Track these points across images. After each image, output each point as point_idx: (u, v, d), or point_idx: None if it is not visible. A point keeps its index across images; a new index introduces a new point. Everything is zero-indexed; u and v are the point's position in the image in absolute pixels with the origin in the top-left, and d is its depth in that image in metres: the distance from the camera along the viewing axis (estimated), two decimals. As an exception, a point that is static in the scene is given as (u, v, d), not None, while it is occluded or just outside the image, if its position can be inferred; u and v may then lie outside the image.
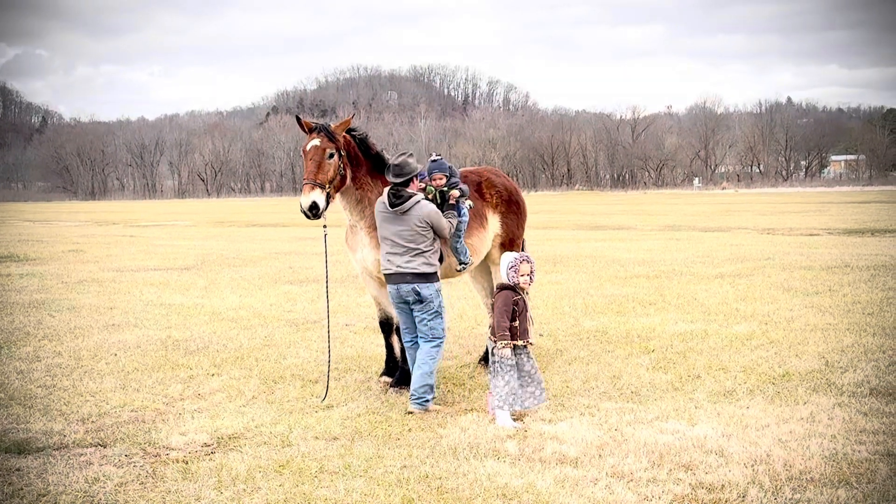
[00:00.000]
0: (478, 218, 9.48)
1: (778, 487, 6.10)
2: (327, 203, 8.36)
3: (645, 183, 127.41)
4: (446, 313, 8.72)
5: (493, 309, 8.12)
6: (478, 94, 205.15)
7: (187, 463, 6.87)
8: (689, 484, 6.21)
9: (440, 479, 6.42)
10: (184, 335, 12.22)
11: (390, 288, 8.47)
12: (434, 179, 8.86)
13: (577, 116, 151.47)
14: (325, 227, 8.68)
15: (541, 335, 11.78)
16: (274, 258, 23.89)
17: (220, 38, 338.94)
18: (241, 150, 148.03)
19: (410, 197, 8.29)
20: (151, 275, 20.12)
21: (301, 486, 6.33)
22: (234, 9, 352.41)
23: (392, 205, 8.27)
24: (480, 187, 9.73)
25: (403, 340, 8.77)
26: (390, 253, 8.39)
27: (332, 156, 8.36)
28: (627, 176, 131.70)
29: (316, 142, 8.35)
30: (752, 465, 6.50)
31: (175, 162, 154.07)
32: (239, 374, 9.87)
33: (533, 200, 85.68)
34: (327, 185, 8.31)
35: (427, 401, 8.29)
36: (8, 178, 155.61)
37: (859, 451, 6.74)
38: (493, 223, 9.73)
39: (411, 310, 8.46)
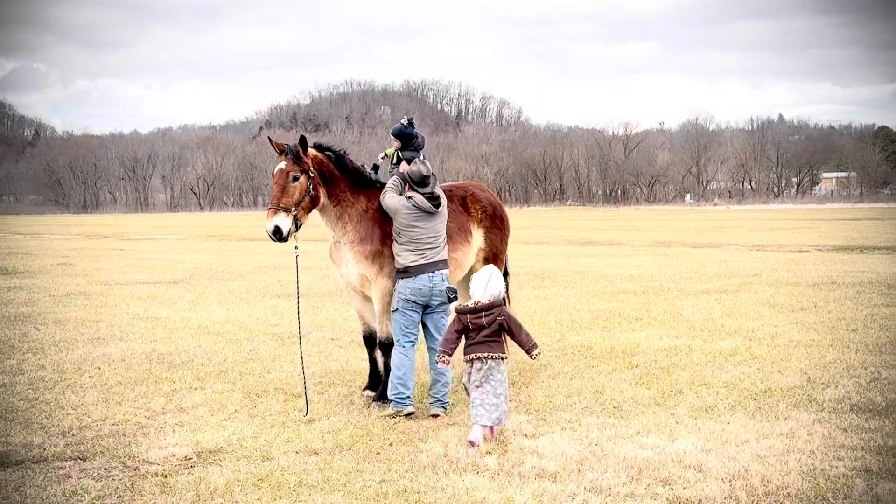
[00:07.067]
0: (462, 232, 9.53)
1: (755, 503, 6.12)
2: (297, 225, 8.46)
3: (637, 199, 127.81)
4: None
5: (516, 327, 7.93)
6: (471, 110, 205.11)
7: (166, 476, 6.86)
8: (667, 499, 6.23)
9: (418, 493, 6.43)
10: (169, 349, 12.20)
11: (419, 281, 8.54)
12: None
13: (569, 132, 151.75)
14: (296, 248, 8.80)
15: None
16: (263, 272, 23.88)
17: (215, 52, 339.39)
18: (234, 164, 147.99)
19: (439, 196, 8.80)
20: (139, 288, 20.08)
21: (279, 499, 6.33)
22: (229, 24, 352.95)
23: (437, 206, 8.67)
24: (465, 202, 9.78)
25: (403, 347, 8.69)
26: (425, 249, 8.59)
27: (296, 178, 8.43)
28: (619, 192, 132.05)
29: (281, 165, 8.47)
30: (730, 480, 6.53)
31: (168, 175, 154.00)
32: (222, 388, 9.86)
33: (525, 216, 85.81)
34: (293, 208, 8.39)
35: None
36: (0, 191, 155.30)
37: (837, 467, 6.77)
38: (477, 238, 9.77)
39: (422, 309, 8.70)
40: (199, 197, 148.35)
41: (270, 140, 8.72)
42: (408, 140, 9.69)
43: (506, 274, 10.47)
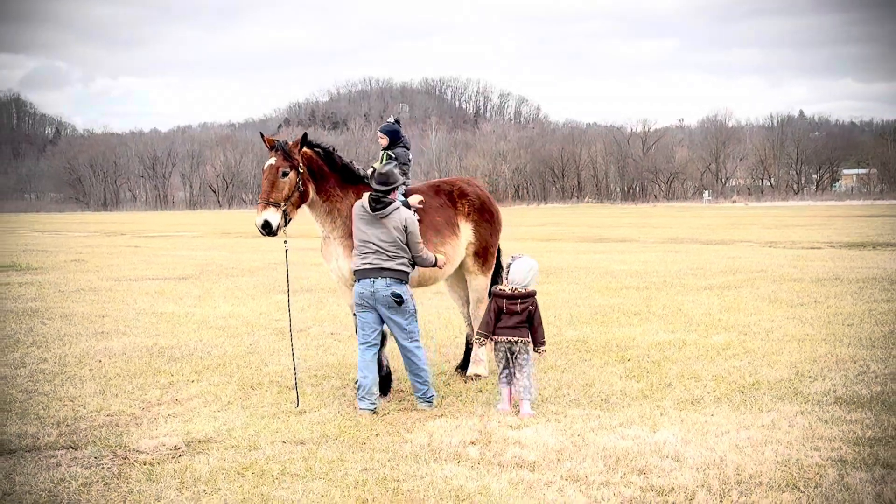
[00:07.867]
0: (450, 226, 9.66)
1: (726, 491, 6.21)
2: (286, 220, 8.64)
3: (655, 196, 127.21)
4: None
5: (538, 320, 8.72)
6: (489, 107, 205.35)
7: (153, 465, 7.02)
8: (640, 487, 6.33)
9: (397, 481, 6.55)
10: (170, 343, 12.38)
11: (361, 285, 8.60)
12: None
13: (587, 129, 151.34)
14: (286, 241, 9.04)
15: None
16: (272, 268, 24.06)
17: (235, 51, 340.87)
18: (253, 162, 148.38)
19: (390, 204, 8.58)
20: (148, 284, 20.31)
21: (260, 487, 6.47)
22: (249, 22, 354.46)
23: (373, 209, 8.55)
24: (452, 196, 9.91)
25: (359, 344, 8.83)
26: (367, 253, 8.58)
27: (285, 174, 8.60)
28: (638, 189, 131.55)
29: (271, 161, 8.65)
30: (704, 470, 6.62)
31: (187, 173, 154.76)
32: (218, 381, 10.02)
33: (541, 213, 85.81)
34: (282, 203, 8.58)
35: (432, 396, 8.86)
36: (21, 189, 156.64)
37: (812, 457, 6.84)
38: (466, 232, 9.88)
39: (375, 312, 8.69)
40: (218, 194, 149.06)
41: (262, 136, 8.91)
42: (396, 137, 9.84)
43: (499, 268, 10.57)
